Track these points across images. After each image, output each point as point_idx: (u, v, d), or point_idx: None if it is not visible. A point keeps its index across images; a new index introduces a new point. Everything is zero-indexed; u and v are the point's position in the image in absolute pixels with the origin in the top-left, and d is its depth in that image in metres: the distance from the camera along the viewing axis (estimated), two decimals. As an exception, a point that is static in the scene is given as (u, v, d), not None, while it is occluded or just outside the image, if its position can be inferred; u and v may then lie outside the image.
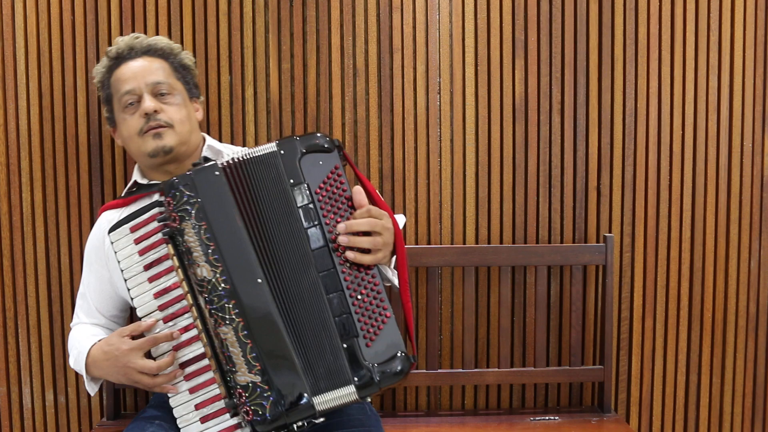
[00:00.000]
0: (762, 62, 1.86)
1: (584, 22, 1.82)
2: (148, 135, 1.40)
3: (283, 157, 1.22)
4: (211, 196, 1.20)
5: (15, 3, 1.75)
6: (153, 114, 1.39)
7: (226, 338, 1.17)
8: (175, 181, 1.21)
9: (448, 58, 1.82)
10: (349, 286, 1.19)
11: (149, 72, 1.43)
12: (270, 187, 1.21)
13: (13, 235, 1.80)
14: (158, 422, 1.34)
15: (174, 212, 1.20)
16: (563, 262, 1.80)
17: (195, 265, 1.19)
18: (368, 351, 1.17)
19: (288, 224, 1.20)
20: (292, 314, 1.18)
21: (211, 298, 1.18)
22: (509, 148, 1.84)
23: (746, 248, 1.89)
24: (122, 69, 1.44)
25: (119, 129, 1.47)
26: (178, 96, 1.45)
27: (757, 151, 1.88)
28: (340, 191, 1.22)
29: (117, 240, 1.28)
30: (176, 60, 1.50)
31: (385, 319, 1.19)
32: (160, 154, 1.41)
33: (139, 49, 1.46)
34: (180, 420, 1.23)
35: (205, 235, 1.18)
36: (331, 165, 1.23)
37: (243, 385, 1.15)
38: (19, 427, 1.85)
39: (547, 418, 1.79)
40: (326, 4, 1.79)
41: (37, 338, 1.82)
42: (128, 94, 1.41)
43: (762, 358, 1.92)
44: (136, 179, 1.50)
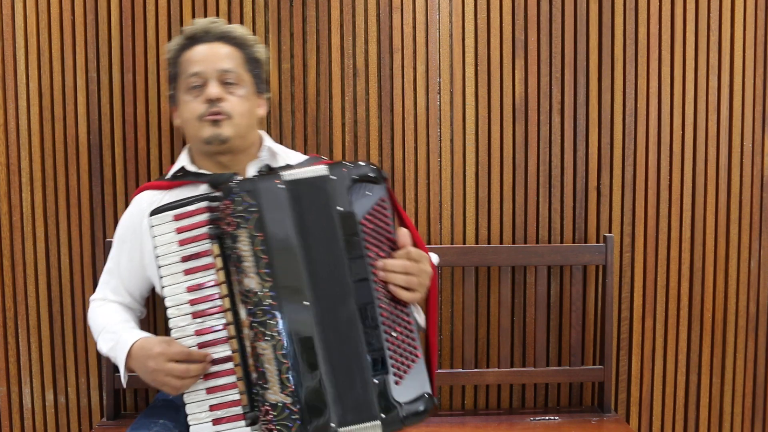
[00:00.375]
0: (762, 62, 1.86)
1: (584, 22, 1.82)
2: (206, 121, 1.37)
3: (335, 183, 1.19)
4: (272, 210, 1.17)
5: (15, 3, 1.75)
6: (216, 101, 1.37)
7: (264, 354, 1.14)
8: (236, 186, 1.17)
9: (448, 58, 1.82)
10: (385, 322, 1.17)
11: (220, 58, 1.40)
12: (319, 210, 1.18)
13: (13, 235, 1.80)
14: (162, 421, 1.34)
15: (231, 216, 1.16)
16: (563, 262, 1.80)
17: (243, 274, 1.16)
18: (396, 389, 1.16)
19: (332, 251, 1.18)
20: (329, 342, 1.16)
21: (254, 311, 1.15)
22: (509, 148, 1.84)
23: (746, 248, 1.89)
24: (194, 50, 1.41)
25: (180, 110, 1.44)
26: (245, 88, 1.42)
27: (757, 151, 1.88)
28: (384, 224, 1.20)
29: (158, 224, 1.24)
30: (250, 51, 1.46)
31: (414, 358, 1.18)
32: (216, 142, 1.38)
33: (215, 33, 1.43)
34: (191, 418, 1.21)
35: (259, 246, 1.15)
36: (378, 197, 1.20)
37: (272, 403, 1.13)
38: (19, 427, 1.85)
39: (547, 418, 1.79)
40: (326, 4, 1.79)
41: (37, 338, 1.82)
42: (195, 76, 1.38)
43: (762, 358, 1.92)
44: (184, 165, 1.46)
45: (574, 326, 1.82)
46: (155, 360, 1.22)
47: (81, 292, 1.81)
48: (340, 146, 1.81)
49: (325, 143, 1.81)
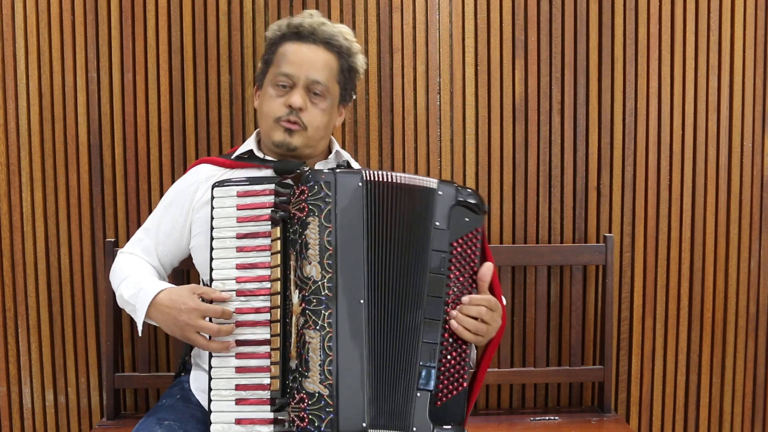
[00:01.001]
0: (762, 62, 1.86)
1: (584, 22, 1.82)
2: (281, 126, 1.37)
3: (440, 198, 1.21)
4: (346, 204, 1.18)
5: (15, 3, 1.75)
6: (297, 110, 1.37)
7: (311, 342, 1.15)
8: (314, 175, 1.18)
9: (448, 58, 1.82)
10: (445, 343, 1.19)
11: (315, 67, 1.38)
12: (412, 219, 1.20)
13: (13, 235, 1.80)
14: (168, 422, 1.33)
15: (305, 203, 1.17)
16: (563, 262, 1.80)
17: (306, 261, 1.16)
18: (434, 409, 1.18)
19: (412, 261, 1.19)
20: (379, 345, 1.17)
21: (309, 298, 1.15)
22: (509, 148, 1.84)
23: (746, 248, 1.89)
24: (294, 47, 1.39)
25: (261, 98, 1.43)
26: (329, 101, 1.41)
27: (757, 151, 1.88)
28: (472, 253, 1.22)
29: (220, 197, 1.24)
30: (348, 61, 1.44)
31: (460, 387, 1.20)
32: (284, 148, 1.39)
33: (321, 37, 1.40)
34: (214, 393, 1.20)
35: (327, 237, 1.16)
36: (474, 226, 1.22)
37: (310, 392, 1.14)
38: (19, 427, 1.85)
39: (547, 418, 1.79)
40: (326, 4, 1.79)
41: (37, 338, 1.82)
42: (285, 76, 1.37)
43: (762, 358, 1.92)
44: (252, 149, 1.46)
45: (574, 326, 1.82)
46: (188, 314, 1.21)
47: (81, 292, 1.81)
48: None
49: (325, 143, 1.81)
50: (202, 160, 1.49)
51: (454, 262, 1.20)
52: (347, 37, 1.44)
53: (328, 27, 1.42)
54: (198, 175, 1.44)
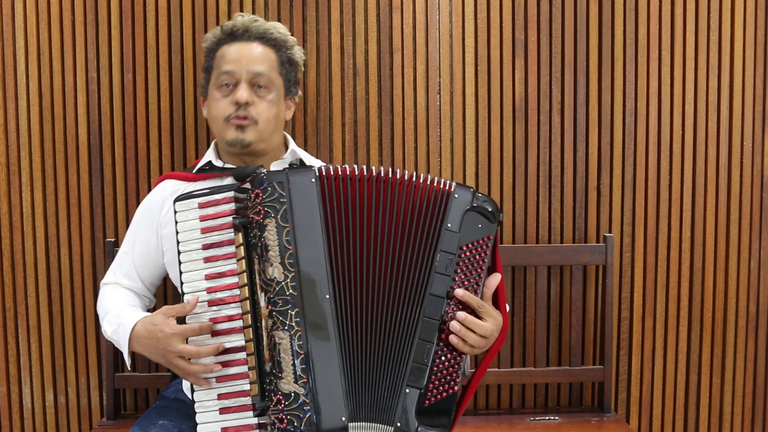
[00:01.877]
0: (762, 62, 1.86)
1: (584, 22, 1.82)
2: (232, 124, 1.39)
3: (455, 201, 1.21)
4: (301, 202, 1.19)
5: (15, 3, 1.75)
6: (244, 105, 1.38)
7: (281, 343, 1.15)
8: (266, 177, 1.20)
9: (448, 58, 1.82)
10: (440, 344, 1.18)
11: (254, 60, 1.40)
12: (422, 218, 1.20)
13: (13, 235, 1.80)
14: (162, 422, 1.34)
15: (260, 206, 1.18)
16: (563, 262, 1.80)
17: (267, 263, 1.17)
18: (422, 408, 1.17)
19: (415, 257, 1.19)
20: (353, 337, 1.18)
21: (275, 300, 1.16)
22: (509, 148, 1.84)
23: (746, 248, 1.89)
24: (231, 47, 1.42)
25: (208, 104, 1.45)
26: (274, 93, 1.43)
27: (757, 151, 1.88)
28: (480, 260, 1.21)
29: (182, 210, 1.25)
30: (286, 53, 1.47)
31: (450, 390, 1.19)
32: (238, 146, 1.40)
33: (255, 33, 1.43)
34: (198, 405, 1.21)
35: (286, 237, 1.17)
36: (486, 233, 1.22)
37: (285, 393, 1.14)
38: (19, 427, 1.85)
39: (547, 418, 1.79)
40: (326, 4, 1.79)
41: (37, 338, 1.82)
42: (227, 74, 1.39)
43: (762, 358, 1.92)
44: (210, 159, 1.48)
45: (574, 326, 1.82)
46: (166, 341, 1.22)
47: (81, 292, 1.81)
48: (340, 146, 1.81)
49: (325, 143, 1.81)
50: (165, 176, 1.50)
51: (461, 266, 1.20)
52: (281, 30, 1.47)
53: (261, 23, 1.44)
54: (163, 192, 1.46)
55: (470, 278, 1.21)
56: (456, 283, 1.19)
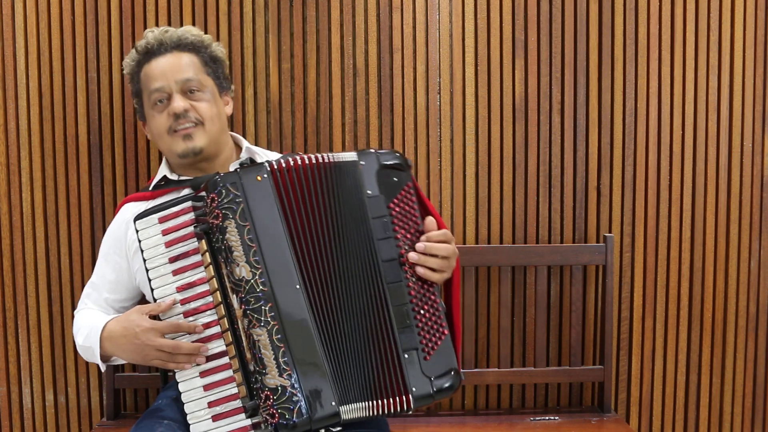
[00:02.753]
0: (762, 62, 1.86)
1: (584, 22, 1.82)
2: (178, 136, 1.39)
3: (364, 168, 1.23)
4: (257, 198, 1.20)
5: (15, 3, 1.75)
6: (183, 113, 1.38)
7: (260, 340, 1.16)
8: (220, 179, 1.20)
9: (448, 58, 1.82)
10: (413, 300, 1.20)
11: (179, 69, 1.40)
12: (343, 194, 1.22)
13: (13, 235, 1.80)
14: (167, 422, 1.33)
15: (218, 209, 1.19)
16: (563, 262, 1.80)
17: (234, 264, 1.18)
18: (426, 364, 1.19)
19: (355, 232, 1.21)
20: (330, 322, 1.19)
21: (247, 299, 1.17)
22: (509, 148, 1.84)
23: (746, 248, 1.89)
24: (152, 65, 1.42)
25: (149, 125, 1.46)
26: (208, 92, 1.43)
27: (757, 151, 1.88)
28: (411, 210, 1.24)
29: (143, 228, 1.26)
30: (207, 53, 1.47)
31: (442, 336, 1.21)
32: (190, 155, 1.40)
33: (169, 43, 1.43)
34: (190, 416, 1.22)
35: (248, 235, 1.18)
36: (404, 183, 1.24)
37: (272, 387, 1.15)
38: (19, 427, 1.85)
39: (547, 418, 1.79)
40: (326, 4, 1.79)
41: (37, 338, 1.82)
42: (157, 92, 1.39)
43: (762, 358, 1.92)
44: (165, 174, 1.47)
45: (574, 326, 1.82)
46: (145, 335, 1.23)
47: (81, 292, 1.81)
48: (340, 146, 1.81)
49: (325, 143, 1.81)
50: (124, 201, 1.50)
51: (397, 222, 1.22)
52: (193, 33, 1.46)
53: (172, 32, 1.44)
54: (124, 216, 1.45)
55: (410, 230, 1.23)
56: (399, 240, 1.22)
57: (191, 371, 1.23)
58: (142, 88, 1.44)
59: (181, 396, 1.23)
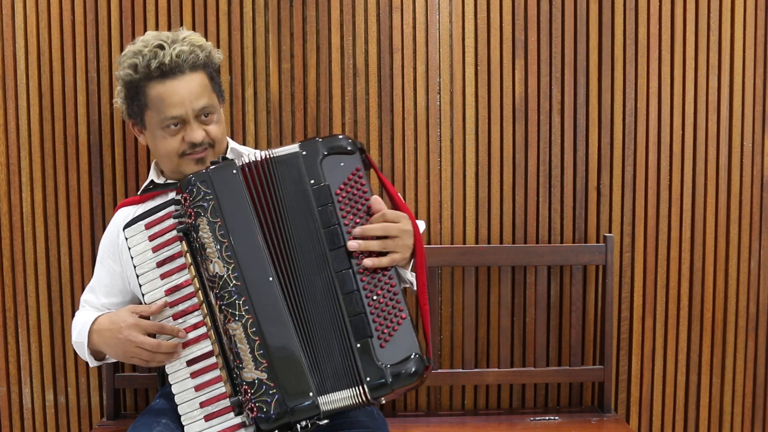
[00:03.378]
0: (762, 62, 1.86)
1: (584, 22, 1.82)
2: (190, 159, 1.39)
3: (305, 158, 1.23)
4: (227, 194, 1.22)
5: (15, 3, 1.75)
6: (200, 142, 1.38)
7: (235, 334, 1.18)
8: (192, 179, 1.23)
9: (448, 58, 1.82)
10: (365, 287, 1.19)
11: (196, 95, 1.37)
12: (290, 187, 1.22)
13: (13, 235, 1.80)
14: (165, 421, 1.34)
15: (190, 208, 1.22)
16: (563, 262, 1.80)
17: (208, 261, 1.20)
18: (382, 351, 1.17)
19: (305, 224, 1.21)
20: (302, 313, 1.20)
21: (221, 294, 1.19)
22: (509, 148, 1.84)
23: (746, 248, 1.89)
24: (167, 87, 1.36)
25: (153, 141, 1.42)
26: (217, 112, 1.43)
27: (757, 151, 1.88)
28: (360, 193, 1.23)
29: (132, 236, 1.29)
30: (212, 67, 1.44)
31: (400, 320, 1.18)
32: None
33: (184, 66, 1.37)
34: (184, 417, 1.23)
35: (219, 231, 1.20)
36: (353, 167, 1.23)
37: (249, 381, 1.16)
38: (19, 427, 1.85)
39: (547, 418, 1.79)
40: (326, 4, 1.79)
41: (37, 338, 1.82)
42: (173, 118, 1.36)
43: (762, 358, 1.92)
44: (152, 179, 1.49)
45: (574, 326, 1.82)
46: (128, 330, 1.25)
47: (81, 292, 1.80)
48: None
49: (325, 143, 1.81)
50: (119, 205, 1.53)
51: (344, 209, 1.21)
52: (200, 44, 1.41)
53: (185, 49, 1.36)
54: (116, 222, 1.48)
55: (358, 214, 1.22)
56: (348, 226, 1.21)
57: (182, 372, 1.24)
58: (149, 104, 1.38)
59: (175, 398, 1.24)
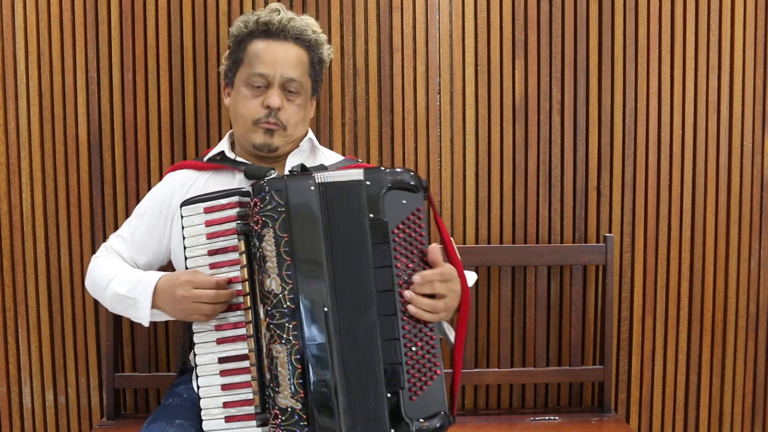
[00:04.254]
0: (762, 62, 1.86)
1: (584, 22, 1.82)
2: (261, 128, 1.38)
3: (368, 188, 1.15)
4: (299, 210, 1.14)
5: (15, 3, 1.75)
6: (275, 110, 1.37)
7: (278, 357, 1.13)
8: (265, 185, 1.15)
9: (448, 58, 1.82)
10: (406, 335, 1.14)
11: (289, 64, 1.38)
12: (349, 215, 1.15)
13: (13, 235, 1.80)
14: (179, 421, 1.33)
15: (258, 215, 1.15)
16: (563, 262, 1.80)
17: (266, 275, 1.14)
18: (410, 405, 1.13)
19: (359, 259, 1.14)
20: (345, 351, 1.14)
21: (272, 312, 1.13)
22: (509, 148, 1.84)
23: (746, 248, 1.89)
24: (266, 45, 1.38)
25: (235, 99, 1.42)
26: (303, 96, 1.42)
27: (757, 151, 1.88)
28: (417, 235, 1.15)
29: (189, 215, 1.24)
30: (317, 53, 1.45)
31: (434, 375, 1.14)
32: (265, 150, 1.40)
33: (291, 33, 1.39)
34: (204, 412, 1.21)
35: (284, 248, 1.13)
36: (414, 206, 1.15)
37: (282, 408, 1.12)
38: (19, 427, 1.85)
39: (547, 418, 1.79)
40: (326, 4, 1.79)
41: (37, 338, 1.82)
42: (260, 76, 1.37)
43: (762, 358, 1.92)
44: (224, 150, 1.46)
45: (574, 326, 1.82)
46: (183, 287, 1.21)
47: (81, 292, 1.81)
48: (340, 146, 1.81)
49: (325, 143, 1.81)
50: (176, 166, 1.49)
51: (399, 250, 1.14)
52: (315, 29, 1.44)
53: (297, 22, 1.41)
54: (173, 182, 1.45)
55: (413, 259, 1.15)
56: (399, 269, 1.14)
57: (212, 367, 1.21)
58: (244, 59, 1.40)
59: (199, 390, 1.22)
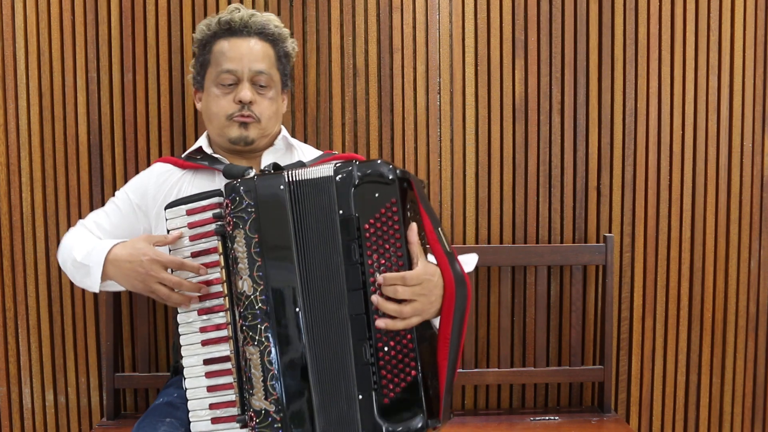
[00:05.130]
0: (762, 62, 1.86)
1: (584, 22, 1.82)
2: (235, 122, 1.41)
3: (338, 185, 1.10)
4: (269, 210, 1.13)
5: (15, 3, 1.75)
6: (247, 104, 1.40)
7: (251, 358, 1.13)
8: (237, 185, 1.14)
9: (448, 58, 1.82)
10: (378, 335, 1.09)
11: (256, 58, 1.41)
12: (319, 213, 1.11)
13: (13, 235, 1.80)
14: (169, 420, 1.33)
15: (230, 216, 1.14)
16: (563, 262, 1.80)
17: (237, 276, 1.14)
18: (383, 407, 1.09)
19: (330, 257, 1.11)
20: (317, 351, 1.12)
21: (245, 314, 1.13)
22: (509, 148, 1.84)
23: (746, 248, 1.89)
24: (230, 43, 1.42)
25: (206, 100, 1.46)
26: (273, 89, 1.44)
27: (757, 151, 1.88)
28: (391, 231, 1.09)
29: (172, 218, 1.24)
30: (282, 47, 1.48)
31: (408, 377, 1.09)
32: (241, 143, 1.42)
33: (253, 28, 1.43)
34: (192, 414, 1.22)
35: (255, 249, 1.12)
36: (387, 199, 1.08)
37: (256, 410, 1.12)
38: (19, 427, 1.85)
39: (547, 418, 1.79)
40: (326, 4, 1.79)
41: (37, 338, 1.82)
42: (228, 73, 1.40)
43: (762, 358, 1.92)
44: (201, 146, 1.49)
45: (574, 326, 1.82)
46: (149, 265, 1.22)
47: (81, 292, 1.81)
48: (340, 146, 1.81)
49: (325, 143, 1.81)
50: (158, 160, 1.53)
51: (371, 246, 1.08)
52: (276, 24, 1.47)
53: (258, 17, 1.45)
54: (155, 171, 1.49)
55: (386, 253, 1.09)
56: (371, 266, 1.08)
57: (198, 369, 1.22)
58: (211, 60, 1.44)
59: (186, 392, 1.23)
